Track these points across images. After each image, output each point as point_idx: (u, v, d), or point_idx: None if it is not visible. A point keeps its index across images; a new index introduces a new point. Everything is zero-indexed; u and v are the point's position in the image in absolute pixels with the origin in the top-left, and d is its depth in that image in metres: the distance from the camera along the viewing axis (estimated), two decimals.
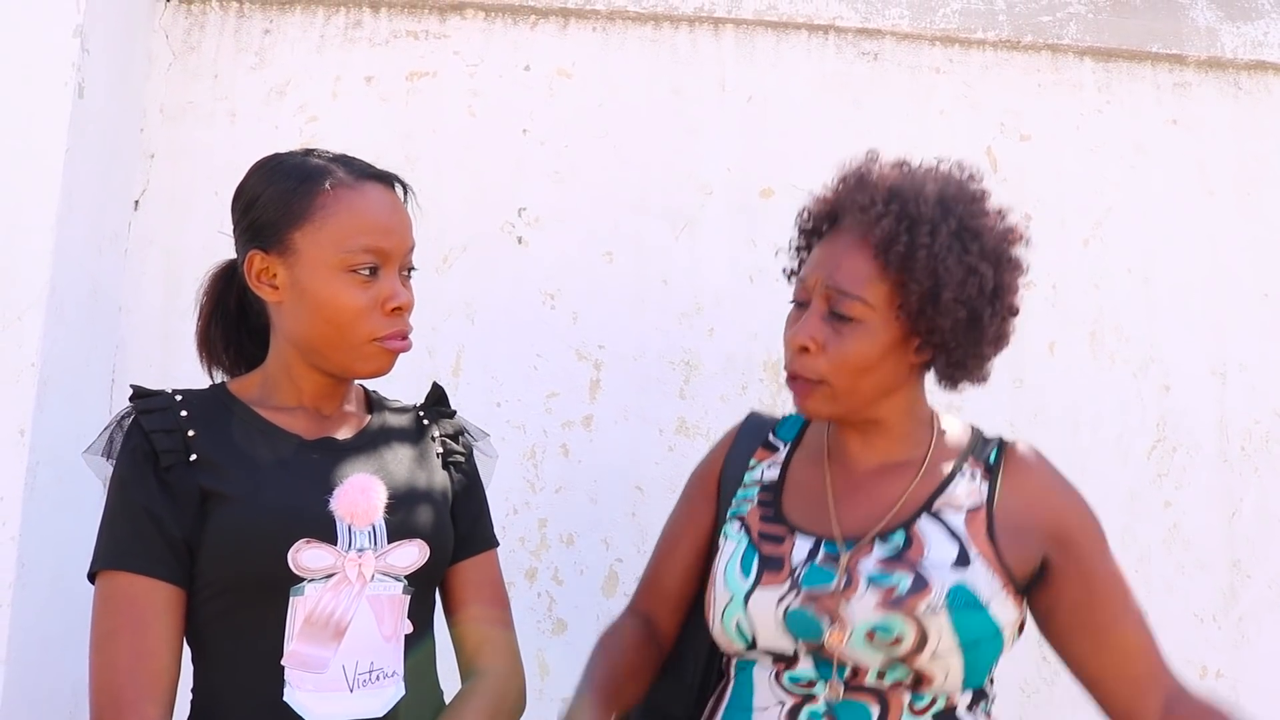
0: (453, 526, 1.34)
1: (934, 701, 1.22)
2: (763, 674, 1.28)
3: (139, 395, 1.25)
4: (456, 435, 1.42)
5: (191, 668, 1.21)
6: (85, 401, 1.91)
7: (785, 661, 1.26)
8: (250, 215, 1.26)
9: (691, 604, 1.47)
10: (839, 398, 1.28)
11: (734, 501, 1.41)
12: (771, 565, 1.29)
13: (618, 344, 2.12)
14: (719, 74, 2.20)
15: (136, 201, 2.09)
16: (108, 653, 1.13)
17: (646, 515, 2.08)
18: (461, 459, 1.40)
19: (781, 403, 2.12)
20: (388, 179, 1.31)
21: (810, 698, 1.24)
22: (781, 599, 1.25)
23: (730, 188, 2.17)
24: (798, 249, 1.42)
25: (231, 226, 1.30)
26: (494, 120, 2.16)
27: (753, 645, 1.28)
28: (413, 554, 1.25)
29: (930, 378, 1.35)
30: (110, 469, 1.21)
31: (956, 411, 1.92)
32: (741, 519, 1.37)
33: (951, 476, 1.30)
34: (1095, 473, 2.11)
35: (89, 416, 1.90)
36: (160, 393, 1.26)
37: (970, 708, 1.25)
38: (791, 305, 1.35)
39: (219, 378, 1.39)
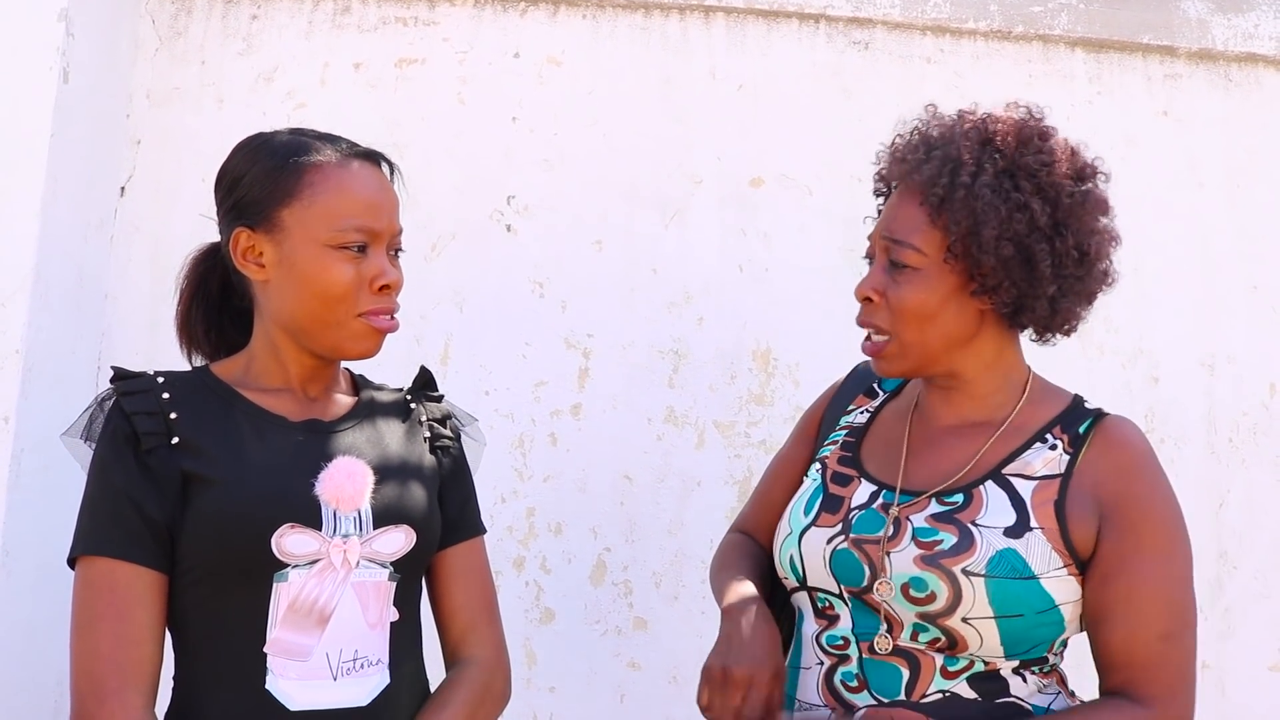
0: (440, 512, 1.33)
1: (970, 665, 1.20)
2: (809, 632, 1.30)
3: (120, 377, 1.23)
4: (444, 419, 1.41)
5: (173, 655, 1.20)
6: (70, 388, 1.90)
7: (827, 620, 1.27)
8: (236, 193, 1.24)
9: None
10: (907, 351, 1.27)
11: (825, 443, 1.44)
12: (831, 505, 1.31)
13: (607, 333, 2.12)
14: (709, 63, 2.20)
15: (123, 187, 2.07)
16: (89, 639, 1.11)
17: (635, 504, 2.07)
18: (449, 443, 1.39)
19: (770, 393, 2.12)
20: (375, 157, 1.30)
21: (845, 658, 1.24)
22: (831, 539, 1.27)
23: (720, 177, 2.16)
24: (878, 212, 1.41)
25: (215, 207, 1.29)
26: (483, 108, 2.15)
27: (803, 582, 1.29)
28: (399, 540, 1.23)
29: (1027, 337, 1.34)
30: (89, 452, 1.19)
31: None
32: (823, 461, 1.39)
33: (1030, 443, 1.26)
34: None
35: (74, 403, 1.88)
36: (142, 374, 1.24)
37: (1020, 672, 1.21)
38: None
39: (199, 363, 1.37)
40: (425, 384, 1.44)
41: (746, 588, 1.35)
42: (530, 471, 2.07)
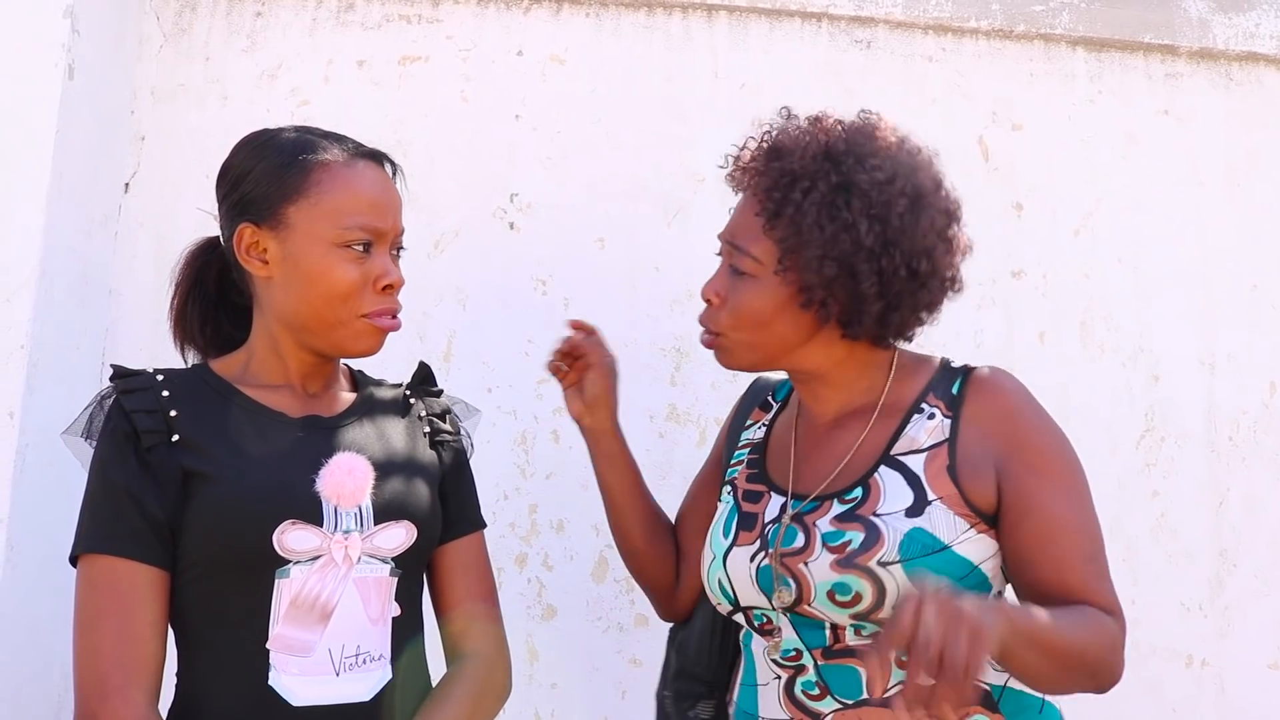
0: (440, 507, 1.34)
1: None
2: (758, 648, 1.30)
3: (120, 375, 1.23)
4: (443, 414, 1.42)
5: (176, 652, 1.20)
6: (75, 384, 1.90)
7: (771, 635, 1.27)
8: (241, 189, 1.25)
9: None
10: (739, 350, 1.31)
11: (731, 461, 1.46)
12: (746, 523, 1.32)
13: (609, 330, 2.09)
14: (712, 61, 2.20)
15: (127, 184, 2.08)
16: (92, 637, 1.12)
17: None
18: (449, 438, 1.40)
19: None
20: (379, 157, 1.31)
21: (801, 669, 1.25)
22: (753, 557, 1.28)
23: (722, 175, 2.16)
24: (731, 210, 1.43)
25: (217, 201, 1.29)
26: (486, 106, 2.15)
27: (736, 604, 1.31)
28: (400, 535, 1.24)
29: None
30: (90, 450, 1.20)
31: None
32: (732, 482, 1.41)
33: (909, 417, 1.28)
34: (1084, 462, 2.11)
35: (78, 399, 1.88)
36: (141, 372, 1.24)
37: None
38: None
39: (191, 357, 1.37)
40: (424, 379, 1.44)
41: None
42: (533, 468, 2.08)
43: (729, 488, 1.42)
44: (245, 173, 1.25)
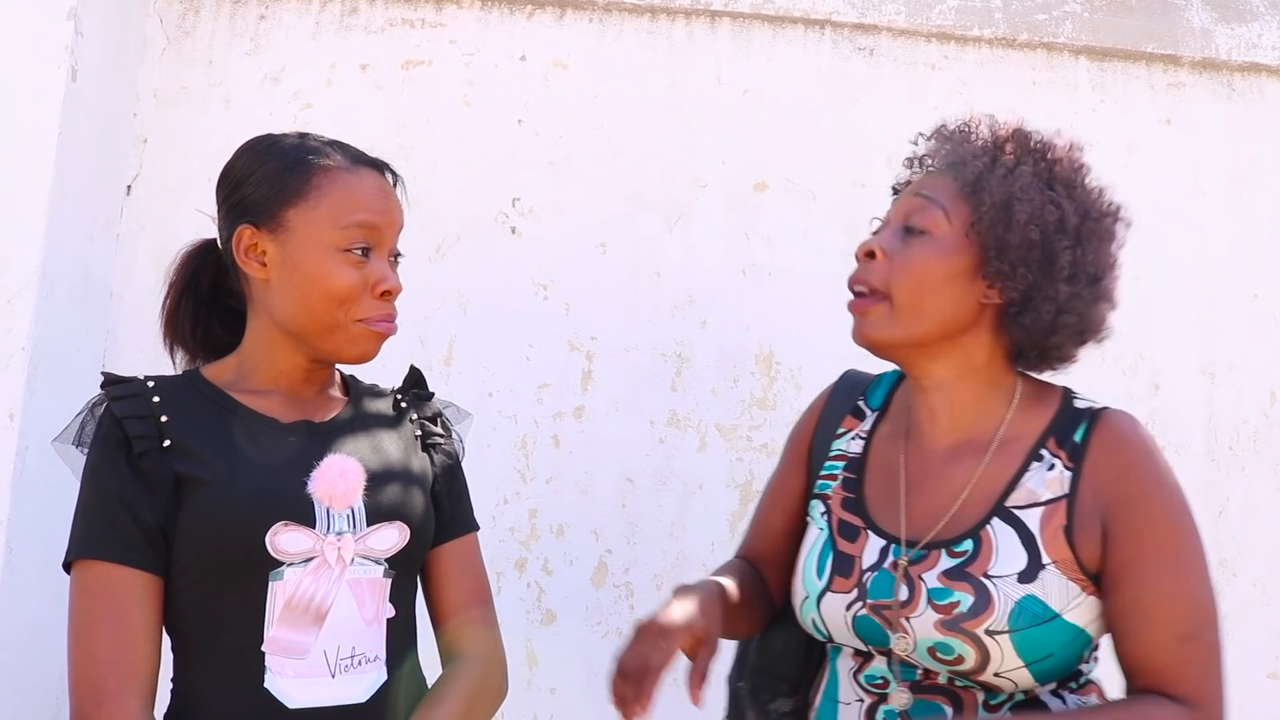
0: (433, 509, 1.34)
1: (1010, 698, 1.17)
2: (844, 668, 1.27)
3: (110, 382, 1.23)
4: (435, 418, 1.42)
5: (171, 656, 1.20)
6: (76, 387, 1.90)
7: (863, 657, 1.24)
8: (241, 191, 1.25)
9: (790, 568, 1.42)
10: (897, 315, 1.22)
11: (820, 473, 1.37)
12: (842, 568, 1.25)
13: (610, 335, 2.12)
14: (715, 67, 2.20)
15: (129, 186, 2.08)
16: (87, 643, 1.11)
17: (637, 507, 2.08)
18: (441, 441, 1.40)
19: (772, 397, 2.13)
20: (380, 166, 1.31)
21: (885, 697, 1.21)
22: (850, 605, 1.22)
23: (724, 181, 2.17)
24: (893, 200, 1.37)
25: (217, 203, 1.30)
26: (489, 110, 2.15)
27: (830, 640, 1.26)
28: (393, 537, 1.24)
29: None
30: (81, 457, 1.19)
31: None
32: (825, 499, 1.34)
33: (1028, 463, 1.20)
34: None
35: (79, 402, 1.87)
36: (132, 379, 1.24)
37: (1058, 693, 1.18)
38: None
39: (180, 360, 1.37)
40: (415, 383, 1.44)
41: (710, 580, 1.31)
42: (532, 473, 2.08)
43: (821, 505, 1.34)
44: (246, 175, 1.25)
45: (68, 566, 1.16)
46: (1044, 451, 1.21)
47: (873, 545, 1.25)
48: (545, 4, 2.19)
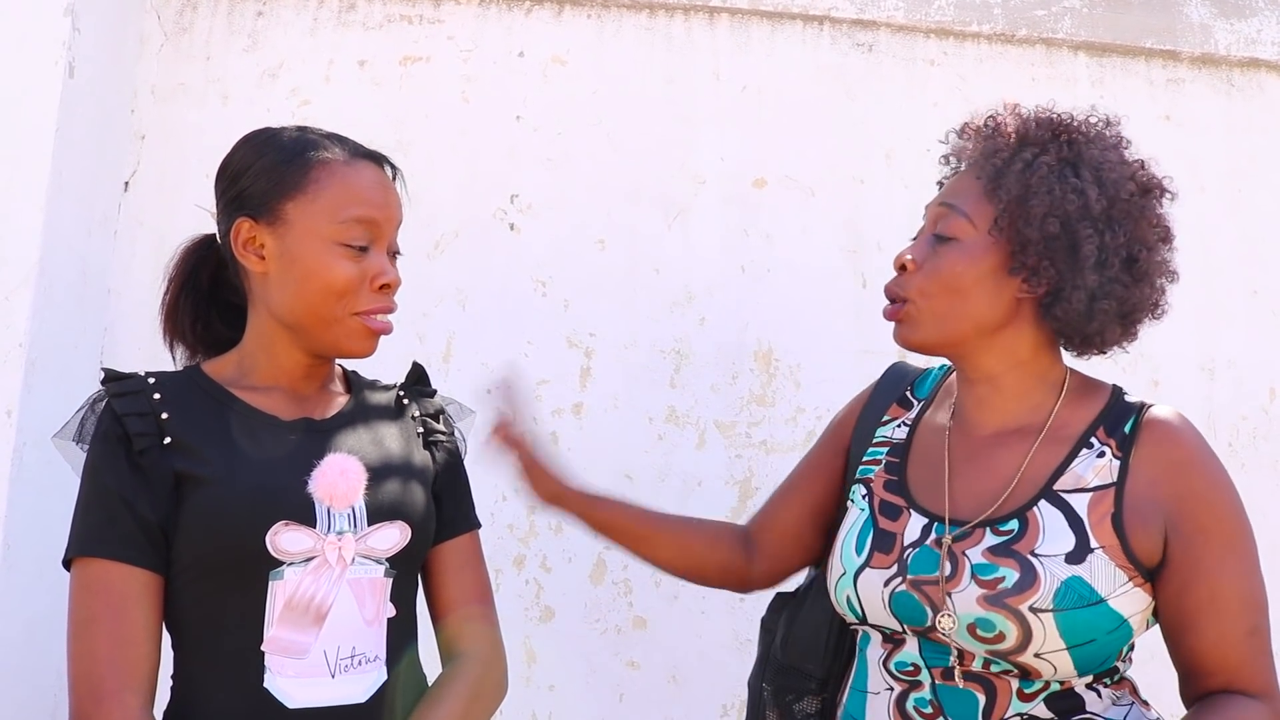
0: (435, 507, 1.33)
1: (1045, 687, 1.16)
2: (874, 656, 1.27)
3: (111, 378, 1.22)
4: (437, 415, 1.41)
5: (171, 655, 1.20)
6: (73, 383, 1.90)
7: (893, 644, 1.24)
8: (240, 184, 1.24)
9: (799, 545, 1.46)
10: (927, 321, 1.24)
11: (863, 459, 1.39)
12: (883, 544, 1.26)
13: (609, 332, 2.12)
14: (713, 63, 2.20)
15: (127, 183, 2.08)
16: (86, 641, 1.11)
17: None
18: (443, 438, 1.39)
19: (771, 393, 2.13)
20: (379, 158, 1.30)
21: (916, 684, 1.21)
22: (889, 581, 1.23)
23: (723, 177, 2.17)
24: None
25: (215, 197, 1.29)
26: (487, 106, 2.15)
27: (864, 620, 1.26)
28: (394, 536, 1.23)
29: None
30: (81, 454, 1.19)
31: None
32: (867, 483, 1.35)
33: (1077, 450, 1.21)
34: None
35: (77, 398, 1.87)
36: (133, 375, 1.23)
37: (1093, 687, 1.18)
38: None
39: (180, 355, 1.37)
40: (418, 379, 1.44)
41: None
42: None
43: (862, 489, 1.34)
44: (245, 168, 1.25)
45: (67, 564, 1.16)
46: (1094, 440, 1.22)
47: (915, 523, 1.26)
48: (543, 0, 2.18)
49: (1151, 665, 2.13)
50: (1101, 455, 1.20)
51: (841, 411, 1.49)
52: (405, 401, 1.39)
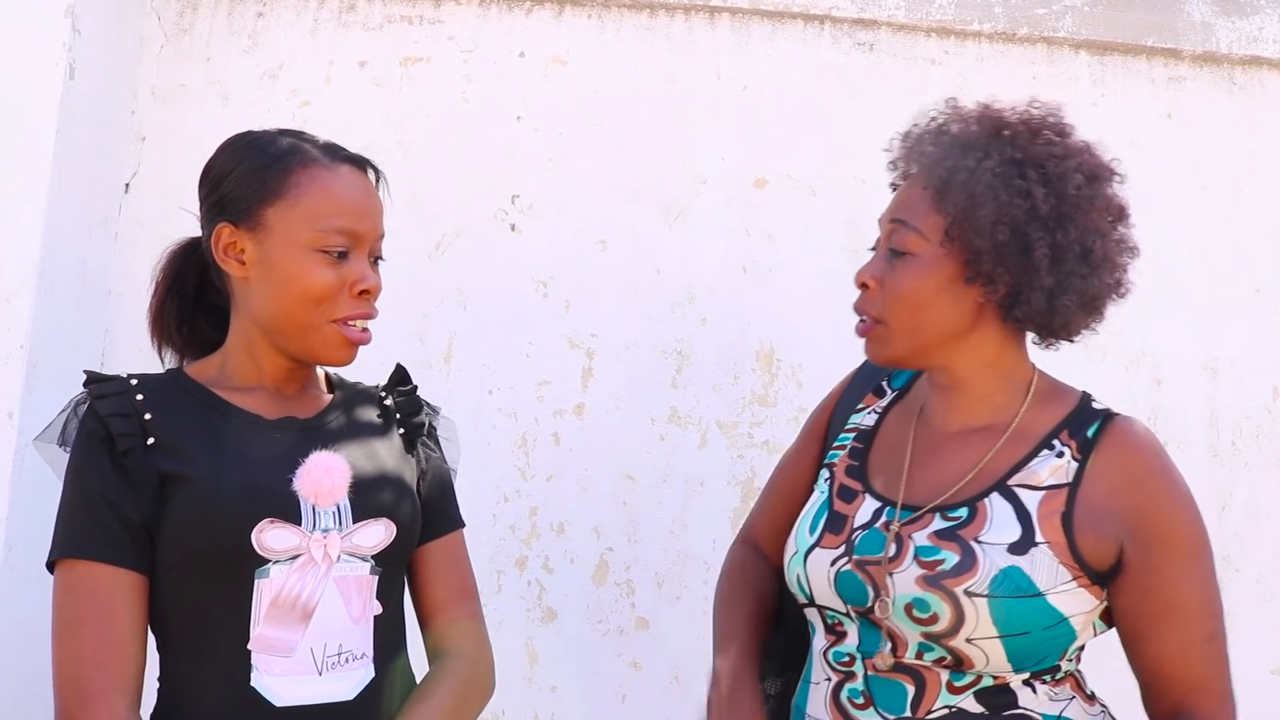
0: (419, 506, 1.33)
1: (977, 680, 1.17)
2: (819, 647, 1.29)
3: (93, 380, 1.22)
4: (420, 415, 1.41)
5: (157, 655, 1.19)
6: (74, 385, 1.87)
7: (836, 636, 1.26)
8: (221, 189, 1.25)
9: None
10: (895, 337, 1.25)
11: (834, 444, 1.41)
12: (834, 525, 1.28)
13: (610, 332, 2.12)
14: (714, 63, 2.20)
15: (127, 184, 2.08)
16: (71, 643, 1.11)
17: (637, 504, 2.07)
18: (426, 438, 1.39)
19: (773, 393, 2.12)
20: (361, 163, 1.30)
21: (850, 675, 1.23)
22: (835, 560, 1.25)
23: (724, 177, 2.16)
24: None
25: (199, 201, 1.29)
26: (488, 107, 2.15)
27: (811, 600, 1.28)
28: (379, 533, 1.23)
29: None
30: (64, 457, 1.19)
31: None
32: (831, 467, 1.37)
33: (1037, 450, 1.22)
34: None
35: None
36: (115, 377, 1.24)
37: (1030, 684, 1.19)
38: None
39: (169, 359, 1.37)
40: (400, 380, 1.44)
41: (741, 657, 1.35)
42: (533, 471, 2.07)
43: (827, 472, 1.37)
44: (225, 173, 1.25)
45: (51, 566, 1.15)
46: (1056, 441, 1.23)
47: (867, 506, 1.28)
48: (544, 0, 2.18)
49: None
50: (1060, 456, 1.21)
51: (820, 403, 1.52)
52: (387, 402, 1.39)
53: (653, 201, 2.15)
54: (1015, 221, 1.17)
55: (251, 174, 1.23)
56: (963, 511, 1.20)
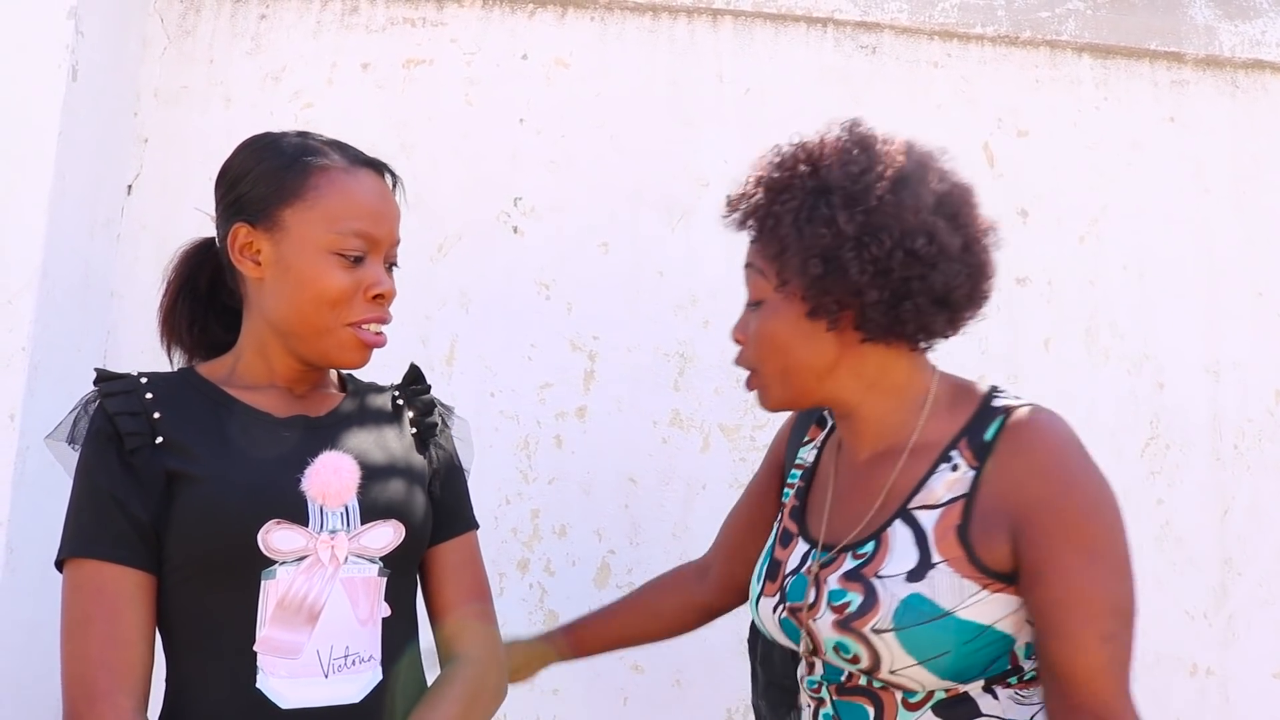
0: (431, 507, 1.33)
1: (929, 696, 1.16)
2: (800, 673, 1.31)
3: (103, 379, 1.22)
4: (434, 415, 1.41)
5: (164, 656, 1.19)
6: (76, 386, 1.90)
7: (808, 666, 1.28)
8: (239, 189, 1.24)
9: (749, 567, 1.52)
10: (772, 385, 1.26)
11: (788, 480, 1.44)
12: (772, 572, 1.31)
13: (612, 335, 2.12)
14: (717, 66, 2.20)
15: (130, 186, 2.08)
16: (78, 642, 1.10)
17: (639, 507, 2.07)
18: (438, 438, 1.39)
19: None
20: (379, 167, 1.30)
21: (822, 700, 1.25)
22: (774, 608, 1.28)
23: (727, 180, 2.16)
24: None
25: (215, 201, 1.29)
26: (490, 109, 2.15)
27: (773, 641, 1.32)
28: (387, 535, 1.22)
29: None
30: (74, 455, 1.18)
31: None
32: (782, 509, 1.40)
33: (935, 466, 1.19)
34: None
35: None
36: (125, 376, 1.23)
37: (990, 689, 1.16)
38: None
39: (178, 359, 1.37)
40: (414, 380, 1.43)
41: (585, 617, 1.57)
42: (535, 473, 2.07)
43: (780, 513, 1.40)
44: (244, 173, 1.25)
45: (59, 565, 1.15)
46: (953, 453, 1.20)
47: (798, 551, 1.29)
48: (547, 3, 2.18)
49: (1159, 669, 2.13)
50: (955, 469, 1.18)
51: (779, 430, 1.54)
52: (400, 402, 1.38)
53: (655, 204, 2.15)
54: (825, 251, 1.16)
55: (270, 174, 1.23)
56: (869, 547, 1.19)
